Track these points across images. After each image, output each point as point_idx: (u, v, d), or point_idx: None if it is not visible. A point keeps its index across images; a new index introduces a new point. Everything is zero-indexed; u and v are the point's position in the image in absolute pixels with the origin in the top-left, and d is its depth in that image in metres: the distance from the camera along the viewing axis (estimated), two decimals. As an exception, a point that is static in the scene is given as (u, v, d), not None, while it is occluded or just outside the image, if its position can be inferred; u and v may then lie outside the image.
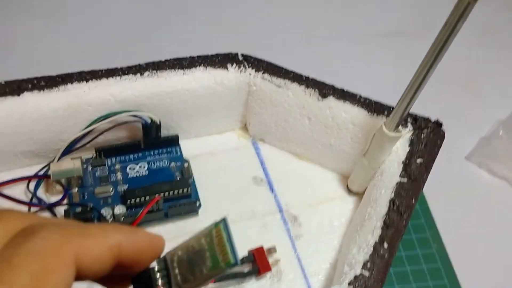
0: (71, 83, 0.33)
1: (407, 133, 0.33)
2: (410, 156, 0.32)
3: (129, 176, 0.35)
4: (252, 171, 0.37)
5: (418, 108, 0.33)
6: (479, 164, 0.42)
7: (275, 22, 0.51)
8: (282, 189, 0.36)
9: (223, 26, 0.49)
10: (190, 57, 0.35)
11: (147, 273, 0.20)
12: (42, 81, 0.33)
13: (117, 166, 0.35)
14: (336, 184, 0.37)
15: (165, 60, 0.34)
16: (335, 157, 0.36)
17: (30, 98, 0.32)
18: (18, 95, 0.32)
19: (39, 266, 0.16)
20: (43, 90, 0.33)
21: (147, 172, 0.35)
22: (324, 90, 0.34)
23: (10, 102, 0.32)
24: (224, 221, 0.19)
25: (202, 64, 0.35)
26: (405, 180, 0.31)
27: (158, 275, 0.20)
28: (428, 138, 0.32)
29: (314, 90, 0.34)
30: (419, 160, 0.32)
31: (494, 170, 0.42)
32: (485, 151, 0.42)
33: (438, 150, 0.32)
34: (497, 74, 0.50)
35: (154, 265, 0.20)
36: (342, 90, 0.34)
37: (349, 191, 0.36)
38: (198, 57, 0.35)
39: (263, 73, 0.35)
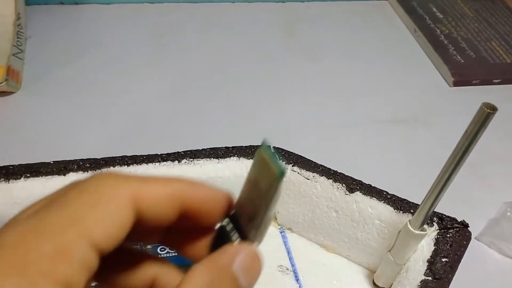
0: (114, 166, 0.35)
1: (432, 232, 0.34)
2: (435, 255, 0.32)
3: (159, 255, 0.36)
4: (279, 259, 0.38)
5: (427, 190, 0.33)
6: (489, 244, 0.43)
7: (294, 111, 0.54)
8: (307, 280, 0.37)
9: (248, 116, 0.52)
10: (225, 147, 0.37)
11: (222, 231, 0.20)
12: (87, 163, 0.35)
13: (149, 246, 0.37)
14: (362, 278, 0.37)
15: (202, 149, 0.37)
16: (361, 251, 0.37)
17: (74, 178, 0.34)
18: (64, 174, 0.34)
19: (92, 198, 0.16)
20: (87, 171, 0.35)
21: (176, 254, 0.36)
22: (351, 185, 0.36)
23: (56, 181, 0.34)
24: (263, 143, 0.19)
25: (236, 154, 0.37)
26: (429, 278, 0.31)
27: (230, 231, 0.20)
28: (454, 238, 0.33)
29: (342, 184, 0.36)
30: (444, 260, 0.32)
31: (504, 250, 0.42)
32: (494, 232, 0.43)
33: (464, 251, 0.32)
34: (500, 160, 0.51)
35: (225, 223, 0.20)
36: (369, 186, 0.36)
37: (375, 286, 0.37)
38: (233, 147, 0.37)
39: (293, 165, 0.37)
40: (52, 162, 0.35)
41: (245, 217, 0.20)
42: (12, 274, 0.14)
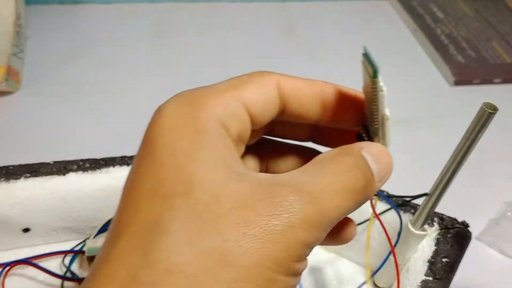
0: (113, 166, 0.35)
1: (433, 232, 0.34)
2: (435, 255, 0.32)
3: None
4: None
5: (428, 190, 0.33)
6: (490, 244, 0.43)
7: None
8: (308, 281, 0.37)
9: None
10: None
11: (358, 138, 0.23)
12: (87, 163, 0.35)
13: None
14: (363, 278, 0.37)
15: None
16: (362, 252, 0.36)
17: (74, 178, 0.34)
18: (64, 174, 0.34)
19: (245, 79, 0.22)
20: (87, 171, 0.35)
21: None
22: (352, 184, 0.35)
23: (56, 181, 0.34)
24: (364, 49, 0.21)
25: (236, 154, 0.37)
26: (430, 278, 0.31)
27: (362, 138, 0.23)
28: (454, 238, 0.33)
29: (343, 184, 0.35)
30: (444, 260, 0.32)
31: (504, 250, 0.42)
32: (495, 232, 0.43)
33: (465, 251, 0.32)
34: (500, 160, 0.51)
35: (361, 130, 0.23)
36: (370, 186, 0.35)
37: (375, 286, 0.37)
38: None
39: (294, 165, 0.37)
40: (52, 162, 0.35)
41: (369, 124, 0.22)
42: (183, 108, 0.20)
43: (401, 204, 0.35)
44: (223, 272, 0.17)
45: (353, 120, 0.23)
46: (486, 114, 0.25)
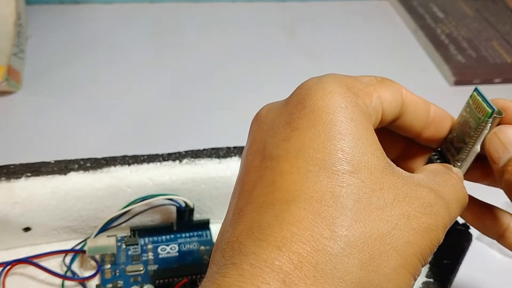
0: (114, 166, 0.35)
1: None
2: (436, 257, 0.32)
3: (159, 256, 0.36)
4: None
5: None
6: (490, 244, 0.43)
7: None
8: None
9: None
10: (227, 147, 0.37)
11: (430, 160, 0.26)
12: (88, 163, 0.35)
13: (149, 246, 0.37)
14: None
15: (203, 149, 0.37)
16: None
17: (75, 178, 0.34)
18: (65, 174, 0.34)
19: (378, 79, 0.23)
20: (88, 170, 0.35)
21: (177, 254, 0.37)
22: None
23: (57, 180, 0.34)
24: (476, 89, 0.23)
25: (237, 154, 0.37)
26: (431, 280, 0.31)
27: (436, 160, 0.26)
28: (455, 240, 0.33)
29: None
30: (445, 262, 0.32)
31: (505, 250, 0.42)
32: None
33: (466, 253, 0.33)
34: None
35: (434, 154, 0.26)
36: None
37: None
38: (234, 147, 0.37)
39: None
40: (53, 162, 0.35)
41: (452, 152, 0.25)
42: (344, 91, 0.21)
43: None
44: (391, 257, 0.19)
45: (439, 141, 0.26)
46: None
